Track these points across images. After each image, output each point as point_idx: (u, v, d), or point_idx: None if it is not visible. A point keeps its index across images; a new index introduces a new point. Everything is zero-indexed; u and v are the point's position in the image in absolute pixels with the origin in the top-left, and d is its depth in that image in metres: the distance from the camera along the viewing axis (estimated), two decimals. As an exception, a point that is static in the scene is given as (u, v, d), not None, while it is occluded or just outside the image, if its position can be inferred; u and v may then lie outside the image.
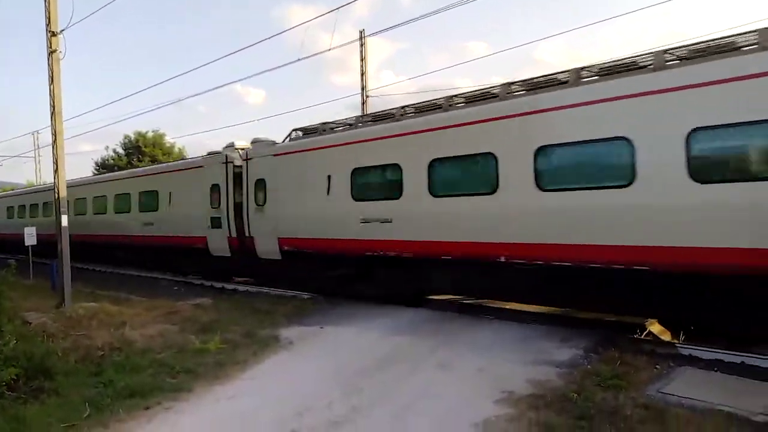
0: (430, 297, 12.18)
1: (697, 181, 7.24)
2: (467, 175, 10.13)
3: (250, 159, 14.95)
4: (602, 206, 8.11)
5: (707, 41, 7.79)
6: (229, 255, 15.75)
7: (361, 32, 23.16)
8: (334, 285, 12.96)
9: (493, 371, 7.07)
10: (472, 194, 9.81)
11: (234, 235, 15.32)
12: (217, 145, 16.98)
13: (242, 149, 15.43)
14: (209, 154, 16.96)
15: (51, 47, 12.65)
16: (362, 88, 23.41)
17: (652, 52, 8.20)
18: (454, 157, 10.09)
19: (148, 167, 26.81)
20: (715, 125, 7.15)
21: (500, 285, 10.18)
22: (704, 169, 7.28)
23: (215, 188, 15.98)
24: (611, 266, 8.08)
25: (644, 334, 8.62)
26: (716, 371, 6.84)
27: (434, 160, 10.33)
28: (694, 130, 7.25)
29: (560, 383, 6.51)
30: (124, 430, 5.70)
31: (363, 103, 23.39)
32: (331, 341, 9.01)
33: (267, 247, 14.28)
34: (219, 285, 15.70)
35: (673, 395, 5.99)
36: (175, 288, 15.73)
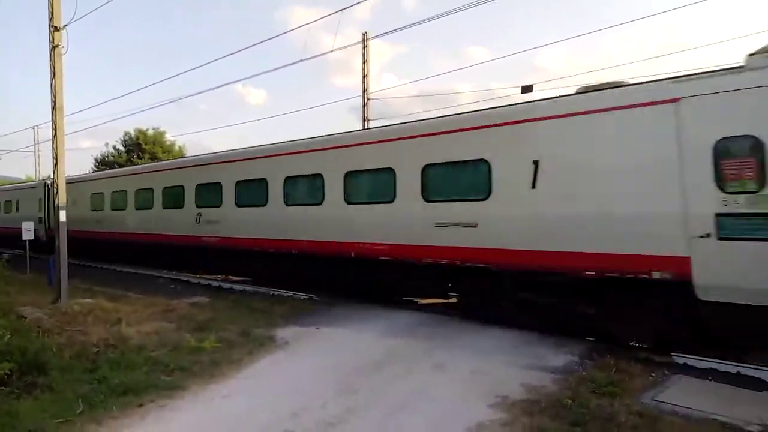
0: (426, 301, 12.24)
1: None
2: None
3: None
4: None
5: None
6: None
7: (363, 35, 23.19)
8: None
9: (488, 375, 7.08)
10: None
11: None
12: (219, 145, 16.99)
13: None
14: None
15: (53, 42, 12.66)
16: (363, 91, 23.43)
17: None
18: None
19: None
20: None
21: None
22: None
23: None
24: None
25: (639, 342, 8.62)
26: (711, 380, 6.86)
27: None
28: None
29: (555, 389, 6.51)
30: (117, 427, 5.68)
31: (364, 106, 23.40)
32: (327, 342, 9.00)
33: None
34: (216, 284, 15.69)
35: (668, 403, 5.99)
36: (172, 286, 15.71)
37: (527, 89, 14.22)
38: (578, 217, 8.50)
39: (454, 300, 11.58)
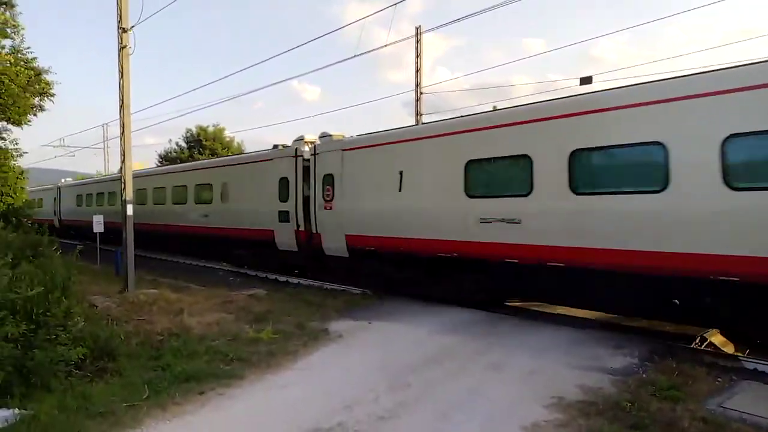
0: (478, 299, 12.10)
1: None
2: None
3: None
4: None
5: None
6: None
7: (417, 28, 23.13)
8: (401, 285, 12.65)
9: (544, 375, 6.95)
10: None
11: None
12: (276, 140, 17.09)
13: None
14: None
15: (121, 43, 13.29)
16: (417, 85, 23.36)
17: None
18: None
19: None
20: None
21: None
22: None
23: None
24: None
25: (704, 344, 8.25)
26: (784, 387, 6.48)
27: None
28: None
29: (613, 391, 6.32)
30: (180, 412, 5.94)
31: (417, 100, 23.34)
32: (380, 336, 9.08)
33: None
34: (273, 277, 16.08)
35: (735, 410, 5.71)
36: (231, 278, 16.22)
37: (586, 80, 13.80)
38: None
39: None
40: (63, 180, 37.69)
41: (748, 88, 7.30)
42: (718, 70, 8.12)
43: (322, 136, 15.10)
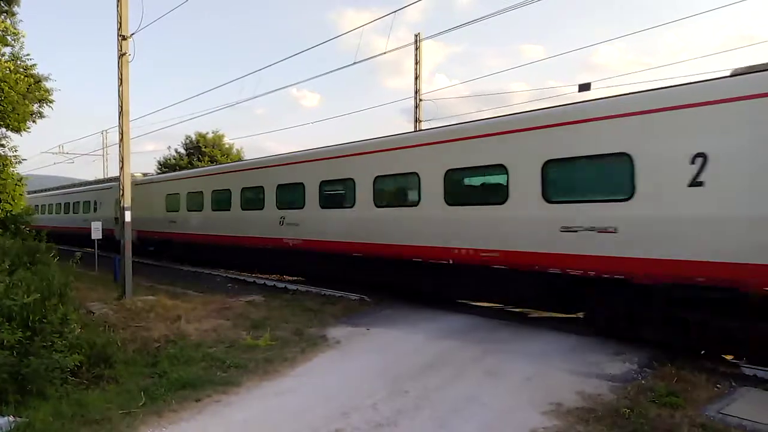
0: (476, 304, 12.10)
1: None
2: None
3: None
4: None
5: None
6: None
7: (416, 36, 23.19)
8: None
9: (542, 381, 6.92)
10: None
11: None
12: (276, 147, 17.44)
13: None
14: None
15: (121, 50, 13.31)
16: (416, 92, 23.41)
17: None
18: None
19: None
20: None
21: None
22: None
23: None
24: None
25: (703, 351, 8.21)
26: (784, 394, 6.45)
27: None
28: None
29: (612, 397, 6.29)
30: (176, 419, 5.90)
31: (416, 107, 23.38)
32: (378, 342, 9.04)
33: None
34: (271, 283, 16.05)
35: (735, 417, 5.68)
36: (229, 285, 16.18)
37: (585, 87, 13.84)
38: None
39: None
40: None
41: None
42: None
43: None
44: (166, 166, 46.05)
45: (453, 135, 11.10)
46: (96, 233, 17.99)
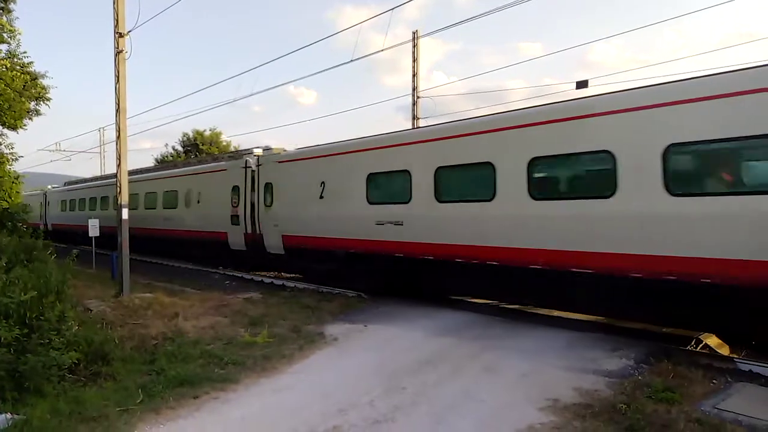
0: (473, 300, 12.13)
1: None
2: None
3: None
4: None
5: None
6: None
7: (414, 33, 23.15)
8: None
9: (539, 377, 6.93)
10: None
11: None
12: (274, 144, 17.40)
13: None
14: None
15: (118, 47, 13.29)
16: (413, 89, 23.39)
17: None
18: None
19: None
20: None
21: None
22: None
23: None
24: None
25: (700, 347, 8.26)
26: (779, 389, 6.48)
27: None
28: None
29: (609, 393, 6.31)
30: (174, 417, 5.91)
31: (414, 104, 23.36)
32: (375, 339, 9.05)
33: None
34: (268, 280, 16.06)
35: (731, 412, 5.70)
36: (227, 282, 16.18)
37: (582, 84, 13.83)
38: None
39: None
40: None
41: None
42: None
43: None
44: (163, 163, 45.99)
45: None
46: (94, 231, 17.95)
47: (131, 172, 23.48)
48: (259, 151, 17.08)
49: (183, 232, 21.05)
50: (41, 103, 19.30)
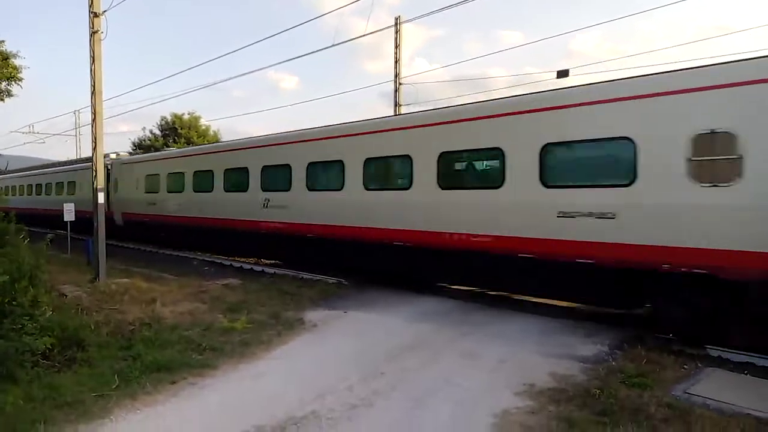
0: (454, 287, 12.21)
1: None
2: None
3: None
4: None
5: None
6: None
7: (396, 18, 23.00)
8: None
9: (516, 363, 7.04)
10: None
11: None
12: (254, 130, 17.55)
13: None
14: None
15: (93, 27, 12.96)
16: (395, 76, 23.29)
17: None
18: None
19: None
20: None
21: None
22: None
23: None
24: None
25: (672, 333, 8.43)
26: (747, 374, 6.67)
27: None
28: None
29: (583, 378, 6.44)
30: (151, 402, 5.87)
31: (396, 91, 23.27)
32: (355, 325, 9.09)
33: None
34: (248, 267, 15.96)
35: (700, 396, 5.86)
36: (206, 268, 16.04)
37: (563, 74, 13.91)
38: None
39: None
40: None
41: None
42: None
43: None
44: (140, 147, 45.25)
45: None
46: (69, 215, 17.62)
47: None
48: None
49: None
50: (13, 83, 18.76)
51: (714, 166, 7.42)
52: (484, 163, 10.78)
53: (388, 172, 12.42)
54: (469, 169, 11.00)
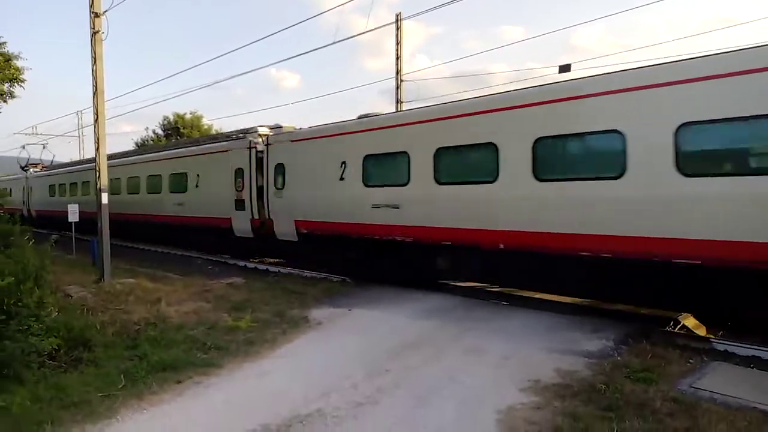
0: (457, 284, 12.20)
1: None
2: None
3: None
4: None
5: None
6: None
7: (397, 15, 22.97)
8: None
9: (521, 359, 7.03)
10: None
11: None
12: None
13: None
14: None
15: (94, 28, 12.96)
16: (397, 72, 23.26)
17: None
18: None
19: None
20: None
21: None
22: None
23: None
24: None
25: (678, 327, 8.42)
26: (753, 368, 6.64)
27: None
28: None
29: (588, 374, 6.42)
30: (157, 402, 5.89)
31: (398, 88, 23.24)
32: (359, 323, 9.09)
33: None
34: (252, 265, 15.99)
35: (706, 390, 5.84)
36: (210, 267, 16.08)
37: (565, 68, 13.85)
38: None
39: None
40: None
41: None
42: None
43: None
44: (143, 147, 45.34)
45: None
46: (73, 216, 17.67)
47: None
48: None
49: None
50: (16, 85, 18.82)
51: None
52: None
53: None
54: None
